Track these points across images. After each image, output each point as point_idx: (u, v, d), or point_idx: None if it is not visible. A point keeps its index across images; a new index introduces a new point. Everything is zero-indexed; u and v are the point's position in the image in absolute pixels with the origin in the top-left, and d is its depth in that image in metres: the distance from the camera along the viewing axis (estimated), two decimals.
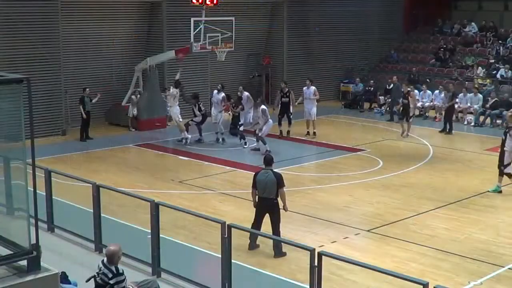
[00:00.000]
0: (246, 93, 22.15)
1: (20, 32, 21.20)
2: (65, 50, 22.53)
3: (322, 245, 11.55)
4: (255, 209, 11.65)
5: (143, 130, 22.93)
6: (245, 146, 20.33)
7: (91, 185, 11.57)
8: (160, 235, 10.48)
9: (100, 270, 8.04)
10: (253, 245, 11.56)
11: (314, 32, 29.63)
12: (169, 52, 23.41)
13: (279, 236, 11.27)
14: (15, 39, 21.18)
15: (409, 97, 21.81)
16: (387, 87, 27.52)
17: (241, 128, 20.86)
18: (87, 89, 21.72)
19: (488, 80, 27.26)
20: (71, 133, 22.34)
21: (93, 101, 21.73)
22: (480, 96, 25.06)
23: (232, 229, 9.26)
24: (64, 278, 8.47)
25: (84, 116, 21.34)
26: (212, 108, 21.90)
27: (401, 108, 21.92)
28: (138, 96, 23.57)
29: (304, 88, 22.63)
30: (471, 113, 24.77)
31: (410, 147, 20.59)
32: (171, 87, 22.07)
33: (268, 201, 11.39)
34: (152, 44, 25.34)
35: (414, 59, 31.20)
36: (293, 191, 15.68)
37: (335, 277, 10.32)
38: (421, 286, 7.27)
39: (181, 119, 21.38)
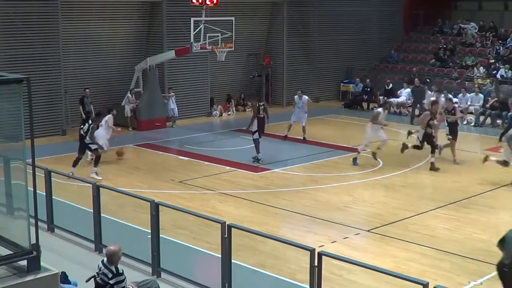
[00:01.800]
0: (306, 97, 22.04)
1: (20, 32, 21.20)
2: (65, 50, 22.54)
3: (322, 245, 11.54)
4: None
5: (143, 130, 22.93)
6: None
7: (91, 185, 11.58)
8: (160, 235, 10.48)
9: (100, 270, 8.04)
10: None
11: (314, 32, 29.64)
12: (169, 52, 23.42)
13: None
14: (15, 39, 21.19)
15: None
16: (386, 88, 27.58)
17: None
18: (87, 90, 21.69)
19: (488, 80, 27.27)
20: (71, 133, 22.34)
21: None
22: (481, 95, 25.08)
23: (232, 229, 9.25)
24: (64, 278, 8.47)
25: (83, 116, 21.32)
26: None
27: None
28: (133, 95, 23.56)
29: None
30: (471, 113, 24.79)
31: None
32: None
33: (503, 267, 8.75)
34: (152, 44, 25.34)
35: (414, 59, 31.23)
36: (293, 191, 15.72)
37: (335, 277, 10.31)
38: (421, 286, 7.27)
39: None
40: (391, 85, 27.65)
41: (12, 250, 6.91)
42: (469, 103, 24.95)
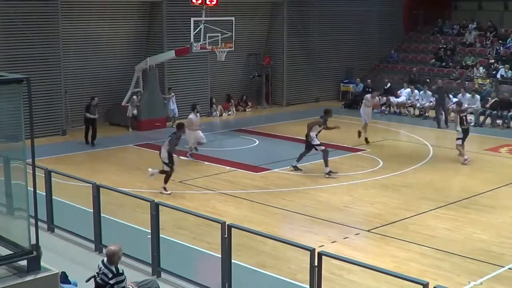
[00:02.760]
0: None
1: (20, 32, 21.20)
2: (65, 50, 22.54)
3: (322, 245, 11.54)
4: None
5: (143, 130, 22.92)
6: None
7: (91, 185, 11.58)
8: (160, 235, 10.48)
9: (100, 270, 8.04)
10: None
11: (314, 32, 29.64)
12: (169, 52, 23.42)
13: None
14: (15, 39, 21.19)
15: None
16: (385, 87, 27.62)
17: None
18: (96, 98, 20.93)
19: (488, 80, 27.27)
20: (71, 133, 22.35)
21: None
22: (478, 97, 25.10)
23: (232, 229, 9.25)
24: (64, 278, 8.47)
25: (92, 116, 20.65)
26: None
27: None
28: (139, 97, 23.56)
29: None
30: (471, 113, 24.80)
31: (410, 147, 20.59)
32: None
33: None
34: (152, 44, 25.35)
35: (414, 59, 31.24)
36: (293, 191, 15.73)
37: (335, 277, 10.31)
38: (421, 286, 7.27)
39: None
40: (389, 84, 27.70)
41: (12, 250, 6.90)
42: (466, 105, 24.95)
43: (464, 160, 18.30)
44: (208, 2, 21.90)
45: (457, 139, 18.51)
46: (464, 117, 18.72)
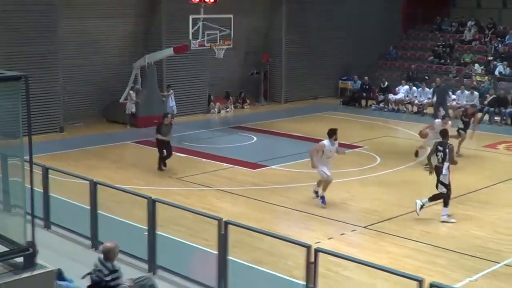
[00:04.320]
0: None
1: (18, 29, 21.19)
2: (63, 47, 22.53)
3: (319, 242, 11.56)
4: None
5: (141, 127, 22.93)
6: None
7: (88, 182, 11.59)
8: (157, 232, 10.50)
9: (96, 267, 8.05)
10: None
11: (312, 29, 29.62)
12: (168, 50, 23.42)
13: None
14: (13, 36, 21.17)
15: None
16: (382, 86, 27.66)
17: None
18: (169, 115, 17.95)
19: (486, 77, 27.30)
20: (68, 130, 22.36)
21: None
22: (477, 94, 25.13)
23: (229, 225, 9.28)
24: (60, 275, 8.48)
25: (165, 138, 17.11)
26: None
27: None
28: (136, 92, 23.55)
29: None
30: None
31: (407, 144, 20.59)
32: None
33: None
34: (150, 42, 25.33)
35: (412, 56, 31.26)
36: (291, 187, 15.75)
37: (331, 273, 10.33)
38: (417, 282, 7.30)
39: None
40: (386, 83, 27.74)
41: (8, 247, 6.93)
42: (465, 102, 25.00)
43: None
44: (206, 0, 21.89)
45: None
46: None
